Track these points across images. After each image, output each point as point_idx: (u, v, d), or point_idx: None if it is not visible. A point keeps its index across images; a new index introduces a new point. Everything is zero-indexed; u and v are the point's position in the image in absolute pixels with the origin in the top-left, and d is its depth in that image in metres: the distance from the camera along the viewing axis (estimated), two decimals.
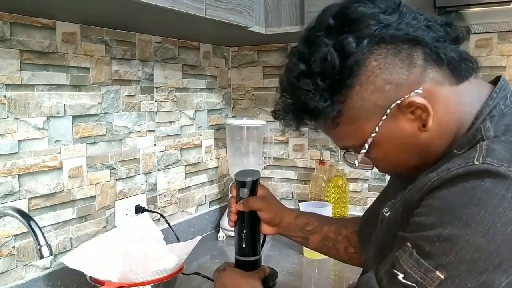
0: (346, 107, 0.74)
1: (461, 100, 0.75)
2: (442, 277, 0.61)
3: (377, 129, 0.75)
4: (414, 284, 0.63)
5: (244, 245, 1.11)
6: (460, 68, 0.75)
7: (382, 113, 0.73)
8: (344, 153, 0.84)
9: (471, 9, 1.27)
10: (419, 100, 0.71)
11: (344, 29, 0.72)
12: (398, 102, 0.72)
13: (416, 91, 0.72)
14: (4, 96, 1.19)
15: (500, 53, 1.64)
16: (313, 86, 0.73)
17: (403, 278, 0.64)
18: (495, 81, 0.80)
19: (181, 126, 1.79)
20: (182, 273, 1.31)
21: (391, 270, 0.66)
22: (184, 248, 1.30)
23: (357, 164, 0.80)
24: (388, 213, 0.81)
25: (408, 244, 0.65)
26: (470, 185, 0.63)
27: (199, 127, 1.89)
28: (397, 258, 0.66)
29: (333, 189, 1.83)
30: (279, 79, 0.80)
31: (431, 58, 0.73)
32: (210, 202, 1.97)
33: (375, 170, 0.85)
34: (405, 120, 0.74)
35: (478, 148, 0.67)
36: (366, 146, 0.76)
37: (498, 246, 0.59)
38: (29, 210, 1.25)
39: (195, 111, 1.87)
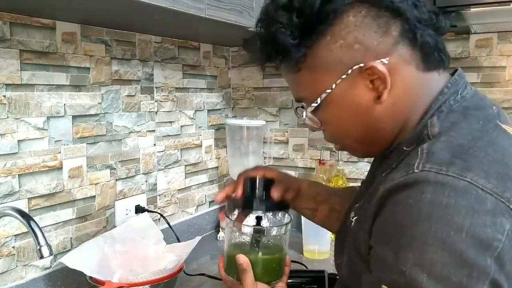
0: (311, 53, 0.73)
1: (421, 88, 0.75)
2: None
3: (333, 86, 0.74)
4: None
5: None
6: (432, 56, 0.75)
7: (343, 71, 0.73)
8: (297, 107, 0.83)
9: (471, 9, 1.27)
10: (381, 68, 0.71)
11: None
12: (361, 65, 0.71)
13: (382, 60, 0.71)
14: (4, 96, 1.19)
15: (500, 53, 1.64)
16: (288, 21, 0.73)
17: None
18: (454, 74, 0.79)
19: (181, 126, 1.79)
20: (186, 273, 1.32)
21: None
22: (184, 248, 1.30)
23: (304, 116, 0.79)
24: (355, 218, 0.79)
25: (384, 286, 0.62)
26: (413, 201, 0.62)
27: (199, 127, 1.89)
28: None
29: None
30: (261, 9, 0.79)
31: (407, 35, 0.72)
32: (210, 202, 1.97)
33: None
34: (362, 87, 0.73)
35: (419, 152, 0.67)
36: (318, 100, 0.75)
37: (461, 255, 0.58)
38: (29, 210, 1.25)
39: (195, 111, 1.87)
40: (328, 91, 0.74)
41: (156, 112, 1.67)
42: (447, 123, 0.71)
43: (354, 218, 0.79)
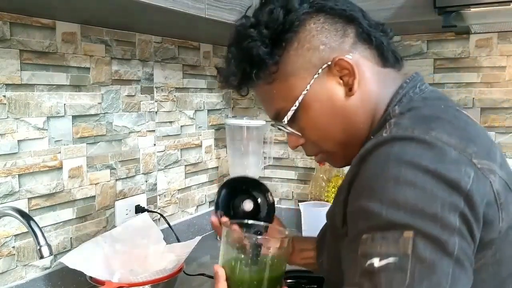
0: (283, 61, 0.81)
1: (382, 82, 0.82)
2: (411, 235, 0.60)
3: (308, 87, 0.80)
4: (394, 258, 0.60)
5: None
6: (387, 54, 0.83)
7: (314, 72, 0.80)
8: (274, 124, 0.88)
9: (471, 9, 1.27)
10: (348, 59, 0.78)
11: None
12: (329, 63, 0.79)
13: (346, 56, 0.79)
14: (4, 96, 1.19)
15: (500, 53, 1.64)
16: (258, 34, 0.80)
17: (379, 261, 0.61)
18: None
19: (181, 126, 1.79)
20: (186, 273, 1.32)
21: (364, 269, 0.62)
22: (184, 248, 1.30)
23: (285, 122, 0.84)
24: (332, 203, 0.83)
25: (364, 235, 0.64)
26: (383, 153, 0.67)
27: (199, 127, 1.89)
28: (361, 255, 0.63)
29: (333, 189, 1.83)
30: (230, 35, 0.86)
31: (363, 37, 0.81)
32: (210, 202, 1.97)
33: None
34: (333, 83, 0.80)
35: (387, 126, 0.73)
36: (297, 103, 0.81)
37: (431, 191, 0.62)
38: (29, 210, 1.25)
39: (195, 111, 1.87)
40: (304, 93, 0.81)
41: (156, 112, 1.67)
42: (407, 107, 0.77)
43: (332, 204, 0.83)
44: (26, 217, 1.02)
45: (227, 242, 0.91)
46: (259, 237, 0.90)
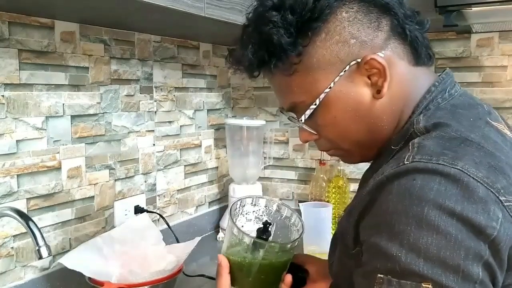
0: (307, 52, 0.73)
1: (414, 82, 0.75)
2: (430, 286, 0.57)
3: (332, 84, 0.73)
4: None
5: None
6: (421, 51, 0.76)
7: (341, 68, 0.72)
8: (289, 116, 0.81)
9: (472, 9, 1.26)
10: (380, 59, 0.71)
11: None
12: (359, 60, 0.72)
13: (378, 53, 0.72)
14: (3, 96, 1.18)
15: (501, 53, 1.63)
16: (281, 19, 0.72)
17: None
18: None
19: (181, 126, 1.79)
20: (186, 274, 1.31)
21: None
22: (184, 248, 1.29)
23: (303, 120, 0.77)
24: (343, 215, 0.78)
25: (379, 275, 0.61)
26: (404, 187, 0.61)
27: (199, 127, 1.89)
28: None
29: (333, 190, 1.83)
30: (246, 14, 0.78)
31: (397, 31, 0.74)
32: (209, 203, 1.97)
33: None
34: (361, 83, 0.73)
35: (410, 147, 0.66)
36: (317, 101, 0.74)
37: (455, 238, 0.57)
38: (27, 211, 1.24)
39: (195, 110, 1.86)
40: (327, 90, 0.73)
41: (155, 112, 1.66)
42: (433, 119, 0.70)
43: (343, 215, 0.78)
44: (24, 217, 1.02)
45: (231, 233, 0.89)
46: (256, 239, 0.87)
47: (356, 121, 0.75)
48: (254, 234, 0.89)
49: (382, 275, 0.61)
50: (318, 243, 1.63)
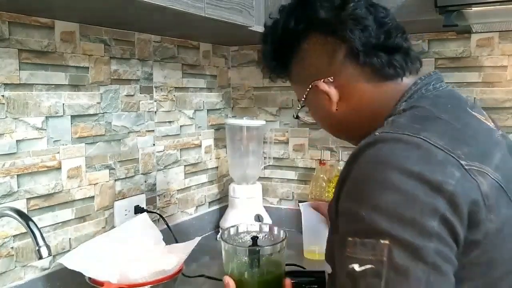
0: (290, 71, 0.94)
1: (381, 94, 0.85)
2: (387, 242, 0.63)
3: (304, 96, 0.92)
4: (371, 265, 0.63)
5: None
6: (383, 72, 0.84)
7: (306, 86, 0.90)
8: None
9: (472, 8, 1.26)
10: (323, 87, 0.87)
11: (295, 11, 0.90)
12: (313, 83, 0.88)
13: (328, 78, 0.87)
14: (3, 95, 1.18)
15: (501, 53, 1.63)
16: (266, 48, 0.96)
17: (359, 266, 0.65)
18: None
19: (181, 126, 1.79)
20: (185, 275, 1.31)
21: (347, 271, 0.66)
22: (184, 248, 1.29)
23: (294, 116, 0.99)
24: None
25: (348, 238, 0.67)
26: (371, 155, 0.69)
27: (199, 127, 1.88)
28: (346, 257, 0.67)
29: (333, 190, 1.82)
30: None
31: (351, 58, 0.84)
32: (209, 203, 1.97)
33: None
34: (321, 98, 0.89)
35: (385, 123, 0.77)
36: (299, 106, 0.95)
37: (412, 195, 0.63)
38: (27, 211, 1.24)
39: (195, 110, 1.86)
40: (303, 99, 0.93)
41: (155, 112, 1.66)
42: (413, 103, 0.79)
43: None
44: (24, 217, 1.02)
45: (228, 254, 1.03)
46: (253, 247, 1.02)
47: (327, 122, 0.95)
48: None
49: (350, 237, 0.67)
50: (318, 243, 1.62)
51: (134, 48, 1.56)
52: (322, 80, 0.87)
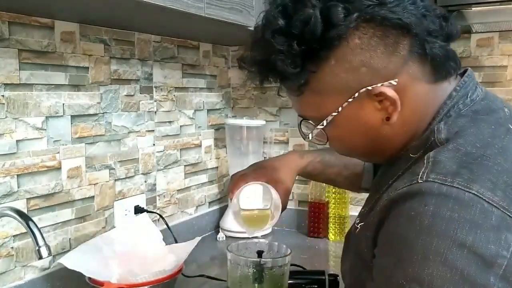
0: (315, 78, 0.70)
1: (431, 99, 0.72)
2: None
3: (339, 109, 0.71)
4: None
5: None
6: (442, 68, 0.72)
7: (350, 94, 0.70)
8: (302, 121, 0.79)
9: (472, 8, 1.26)
10: (390, 93, 0.68)
11: None
12: (369, 88, 0.69)
13: (390, 81, 0.69)
14: (3, 96, 1.18)
15: (501, 53, 1.63)
16: (288, 48, 0.68)
17: None
18: (463, 74, 0.76)
19: (181, 126, 1.79)
20: (185, 275, 1.31)
21: None
22: (184, 248, 1.29)
23: (310, 138, 0.78)
24: (360, 224, 0.77)
25: None
26: (415, 213, 0.60)
27: (199, 127, 1.88)
28: None
29: (333, 189, 1.83)
30: (255, 27, 0.74)
31: (416, 51, 0.69)
32: (210, 203, 1.97)
33: None
34: (370, 108, 0.71)
35: (425, 161, 0.65)
36: (324, 123, 0.74)
37: (462, 272, 0.56)
38: (27, 211, 1.24)
39: (195, 110, 1.86)
40: (334, 114, 0.72)
41: (155, 112, 1.66)
42: (454, 128, 0.68)
43: (359, 224, 0.77)
44: (24, 217, 1.02)
45: (236, 266, 1.06)
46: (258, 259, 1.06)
47: (363, 141, 0.75)
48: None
49: None
50: None
51: (134, 48, 1.56)
52: (380, 84, 0.69)
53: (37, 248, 0.99)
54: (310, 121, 0.77)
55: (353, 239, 0.79)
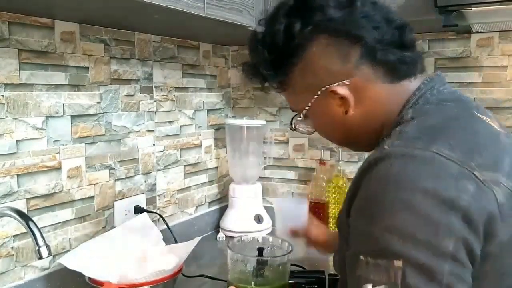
0: (289, 79, 0.86)
1: (393, 95, 0.82)
2: (401, 264, 0.62)
3: (309, 104, 0.86)
4: (386, 286, 0.63)
5: None
6: (397, 71, 0.82)
7: (314, 92, 0.84)
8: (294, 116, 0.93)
9: (472, 8, 1.26)
10: (341, 91, 0.81)
11: (299, 12, 0.82)
12: (328, 87, 0.82)
13: (344, 81, 0.81)
14: (3, 96, 1.18)
15: (501, 53, 1.63)
16: (262, 55, 0.85)
17: (373, 287, 0.64)
18: None
19: (181, 126, 1.79)
20: (185, 275, 1.30)
21: None
22: (184, 248, 1.29)
23: (293, 128, 0.93)
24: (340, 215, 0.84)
25: (361, 257, 0.67)
26: (382, 173, 0.68)
27: (199, 127, 1.88)
28: (359, 276, 0.67)
29: (333, 189, 1.82)
30: (248, 40, 0.91)
31: (367, 57, 0.80)
32: (209, 203, 1.97)
33: None
34: (332, 104, 0.84)
35: (392, 133, 0.75)
36: (301, 116, 0.89)
37: (426, 215, 0.63)
38: (27, 211, 1.24)
39: (195, 110, 1.86)
40: (307, 108, 0.87)
41: (155, 112, 1.66)
42: (421, 111, 0.78)
43: (340, 215, 0.84)
44: (24, 217, 1.02)
45: (236, 262, 1.07)
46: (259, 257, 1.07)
47: (335, 130, 0.89)
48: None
49: (362, 256, 0.66)
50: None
51: (134, 48, 1.56)
52: (336, 84, 0.81)
53: (37, 248, 0.99)
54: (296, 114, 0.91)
55: (337, 222, 0.86)
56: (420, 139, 0.69)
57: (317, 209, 1.87)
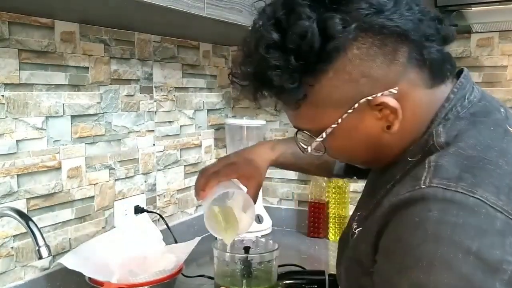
0: (313, 91, 0.67)
1: (429, 104, 0.71)
2: None
3: (339, 120, 0.69)
4: None
5: None
6: (440, 71, 0.70)
7: (349, 105, 0.68)
8: (297, 132, 0.77)
9: (472, 8, 1.26)
10: (392, 102, 0.67)
11: (333, 4, 0.64)
12: (370, 98, 0.67)
13: (390, 90, 0.67)
14: (3, 95, 1.18)
15: (501, 53, 1.63)
16: (284, 63, 0.65)
17: None
18: (459, 75, 0.75)
19: (181, 126, 1.79)
20: (185, 275, 1.30)
21: None
22: (184, 248, 1.29)
23: (309, 151, 0.75)
24: (358, 230, 0.76)
25: None
26: (419, 219, 0.59)
27: (199, 127, 1.88)
28: None
29: (333, 189, 1.83)
30: (244, 41, 0.71)
31: (415, 58, 0.68)
32: None
33: None
34: (370, 118, 0.69)
35: (426, 165, 0.64)
36: (324, 135, 0.71)
37: (467, 278, 0.56)
38: (27, 211, 1.24)
39: (195, 110, 1.86)
40: (334, 126, 0.70)
41: (155, 112, 1.66)
42: (454, 131, 0.68)
43: (357, 229, 0.76)
44: (24, 217, 1.02)
45: (223, 262, 1.09)
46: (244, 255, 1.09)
47: (364, 150, 0.74)
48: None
49: None
50: None
51: (134, 48, 1.56)
52: (380, 93, 0.67)
53: (37, 248, 0.99)
54: (307, 133, 0.74)
55: (350, 244, 0.78)
56: (462, 180, 0.60)
57: (317, 209, 1.87)
